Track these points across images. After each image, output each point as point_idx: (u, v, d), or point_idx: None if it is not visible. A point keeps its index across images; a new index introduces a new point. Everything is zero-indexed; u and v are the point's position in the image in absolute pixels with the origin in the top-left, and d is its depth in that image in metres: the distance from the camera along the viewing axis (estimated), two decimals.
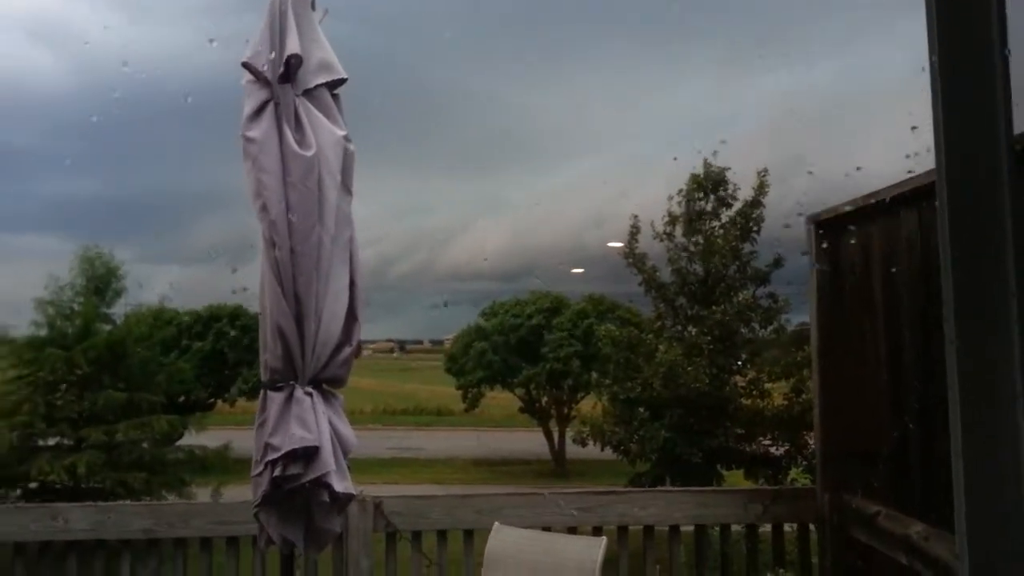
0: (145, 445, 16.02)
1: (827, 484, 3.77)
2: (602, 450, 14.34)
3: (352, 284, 2.59)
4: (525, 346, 21.95)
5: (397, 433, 29.32)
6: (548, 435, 22.89)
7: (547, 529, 3.77)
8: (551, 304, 22.47)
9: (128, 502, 11.55)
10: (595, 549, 3.26)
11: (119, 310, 17.38)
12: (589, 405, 18.58)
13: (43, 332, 15.88)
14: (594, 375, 16.89)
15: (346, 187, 2.58)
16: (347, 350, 2.56)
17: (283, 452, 2.37)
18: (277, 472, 2.37)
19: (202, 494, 14.54)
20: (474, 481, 20.80)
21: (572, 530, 3.82)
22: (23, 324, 16.08)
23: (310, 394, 2.45)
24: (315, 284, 2.44)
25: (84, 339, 15.73)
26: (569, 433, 18.66)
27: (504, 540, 3.45)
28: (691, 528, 3.93)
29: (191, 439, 17.06)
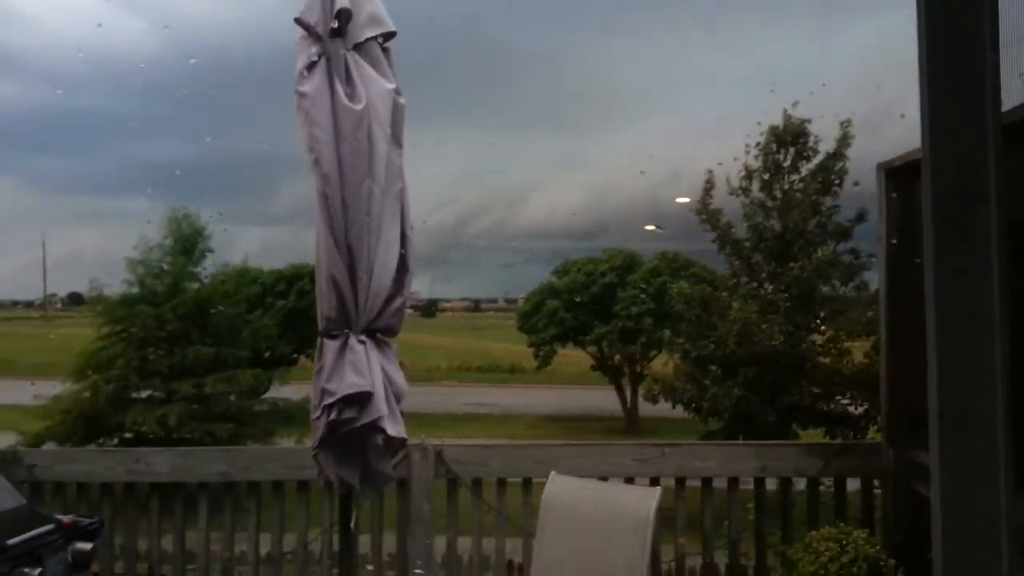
0: (232, 398, 16.76)
1: (893, 439, 3.69)
2: (673, 407, 14.24)
3: (403, 236, 2.64)
4: (598, 303, 21.87)
5: (472, 390, 29.84)
6: (620, 392, 22.88)
7: (604, 479, 3.81)
8: (624, 262, 22.27)
9: (204, 447, 12.16)
10: (649, 499, 3.29)
11: (206, 269, 18.11)
12: (661, 363, 18.47)
13: (134, 290, 16.70)
14: (666, 333, 16.72)
15: (396, 140, 2.61)
16: (399, 300, 2.62)
17: (338, 397, 2.46)
18: (333, 416, 2.47)
19: (286, 444, 15.15)
20: (546, 436, 21.05)
21: (630, 481, 3.85)
22: (116, 283, 16.97)
23: (363, 342, 2.53)
24: (366, 236, 2.50)
25: (173, 297, 16.48)
26: (641, 391, 18.61)
27: (560, 488, 3.51)
28: (751, 482, 3.90)
29: (275, 392, 17.76)
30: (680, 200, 14.69)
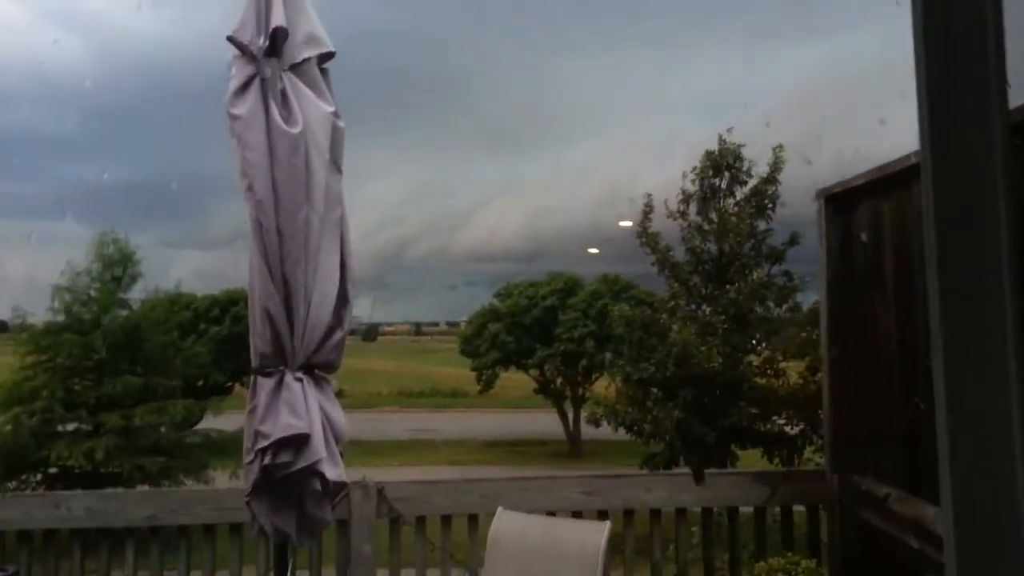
0: (163, 429, 16.14)
1: (837, 465, 3.69)
2: (615, 431, 14.27)
3: (343, 265, 2.52)
4: (539, 327, 21.87)
5: (414, 415, 29.46)
6: (563, 416, 22.87)
7: (551, 514, 3.72)
8: (565, 285, 22.36)
9: (129, 489, 11.64)
10: (598, 533, 3.20)
11: (136, 295, 17.47)
12: (603, 386, 18.53)
13: (60, 318, 16.00)
14: (608, 356, 16.78)
15: (335, 165, 2.50)
16: (339, 334, 2.49)
17: (273, 439, 2.31)
18: (267, 460, 2.33)
19: (220, 477, 14.64)
20: (489, 462, 20.85)
21: (577, 514, 3.77)
22: (42, 311, 16.24)
23: (300, 380, 2.39)
24: (303, 266, 2.37)
25: (100, 325, 15.84)
26: (584, 414, 18.61)
27: (507, 524, 3.40)
28: (698, 511, 3.86)
29: (209, 423, 17.18)
30: (623, 224, 14.82)
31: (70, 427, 15.29)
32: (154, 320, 17.63)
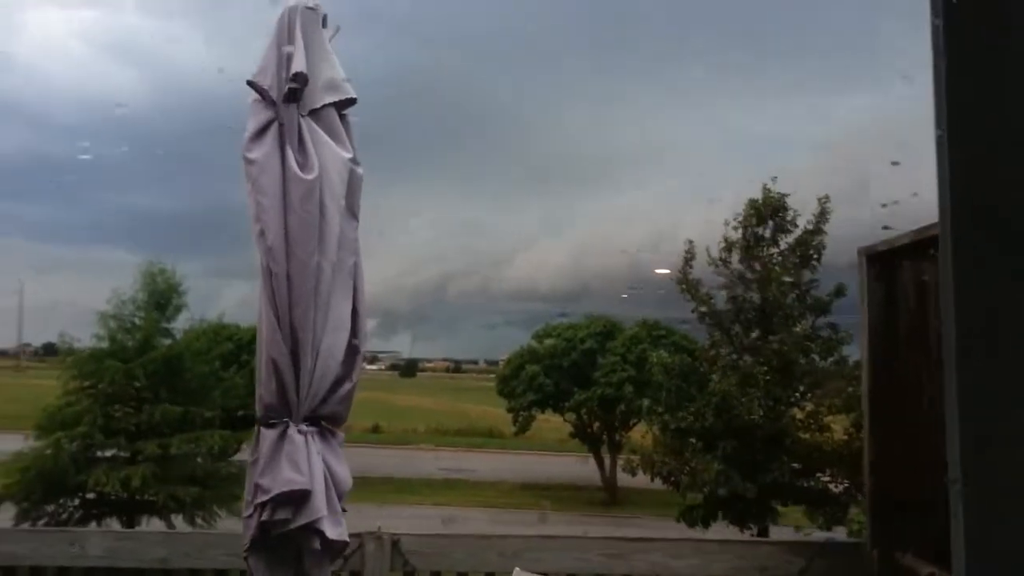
0: (199, 459, 16.25)
1: (877, 539, 3.46)
2: (652, 480, 13.95)
3: (355, 314, 2.44)
4: (577, 370, 21.64)
5: (449, 454, 29.25)
6: (599, 461, 22.48)
7: None
8: (604, 328, 22.14)
9: (144, 530, 11.66)
10: None
11: (180, 324, 17.76)
12: (641, 433, 18.19)
13: (104, 345, 16.30)
14: (646, 402, 16.49)
15: (351, 212, 2.44)
16: (347, 385, 2.40)
17: (272, 495, 2.22)
18: (265, 516, 2.23)
19: None
20: (523, 505, 20.52)
21: None
22: (87, 336, 16.58)
23: (304, 432, 2.30)
24: (312, 314, 2.30)
25: (143, 353, 16.09)
26: (620, 461, 18.27)
27: None
28: None
29: (246, 454, 17.20)
30: (659, 271, 14.66)
31: (108, 453, 15.49)
32: (196, 350, 17.88)
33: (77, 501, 15.45)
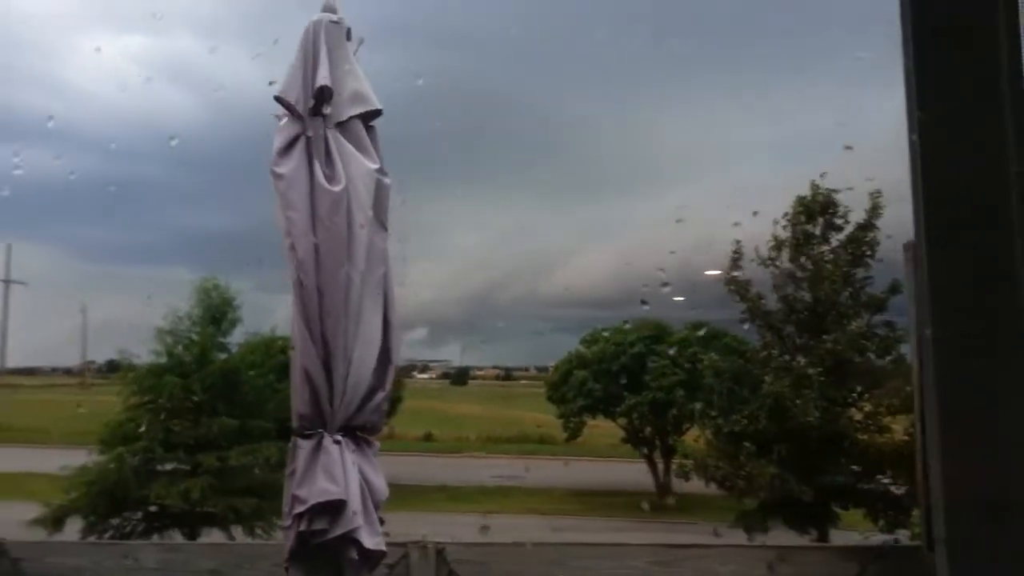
0: (256, 471, 16.53)
1: (934, 542, 3.33)
2: (706, 485, 13.74)
3: (387, 324, 2.45)
4: (627, 374, 21.46)
5: (501, 461, 29.26)
6: (652, 466, 22.24)
7: None
8: (653, 331, 21.92)
9: (194, 542, 11.88)
10: None
11: (236, 339, 18.14)
12: (694, 437, 17.94)
13: (163, 360, 16.74)
14: (698, 406, 16.27)
15: (379, 222, 2.45)
16: (380, 395, 2.41)
17: (309, 505, 2.24)
18: (303, 527, 2.25)
19: None
20: (575, 512, 20.40)
21: None
22: (145, 353, 17.05)
23: (339, 442, 2.31)
24: (343, 325, 2.31)
25: (200, 367, 16.48)
26: (673, 467, 18.05)
27: None
28: None
29: None
30: (709, 273, 14.44)
31: (169, 467, 15.88)
32: (251, 363, 18.24)
33: (140, 514, 15.88)
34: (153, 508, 15.77)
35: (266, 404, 17.65)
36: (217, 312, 17.69)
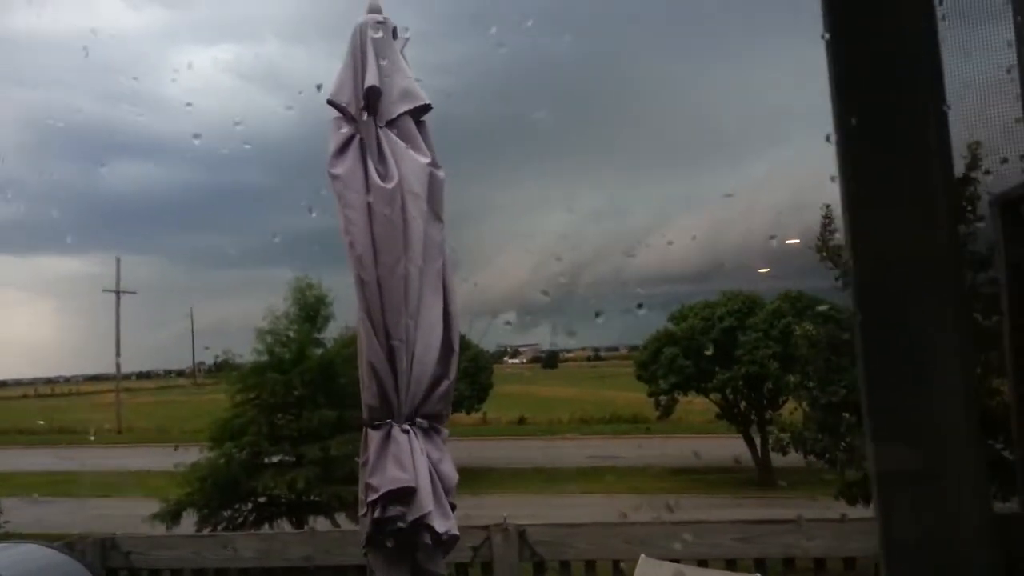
0: (356, 459, 17.02)
1: None
2: (805, 458, 13.36)
3: (447, 314, 2.50)
4: (718, 349, 21.03)
5: (594, 442, 29.26)
6: (749, 442, 21.78)
7: (702, 562, 3.48)
8: (743, 304, 21.39)
9: (287, 531, 12.38)
10: None
11: (330, 334, 18.72)
12: (790, 409, 17.47)
13: (264, 358, 17.45)
14: (793, 378, 15.78)
15: (434, 214, 2.50)
16: (445, 384, 2.47)
17: (381, 493, 2.32)
18: (377, 514, 2.33)
19: None
20: (672, 490, 20.22)
21: (730, 563, 3.50)
22: (249, 352, 17.84)
23: (407, 431, 2.39)
24: (404, 317, 2.38)
25: (299, 363, 17.10)
26: (770, 441, 17.63)
27: (650, 575, 3.21)
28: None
29: None
30: (790, 242, 13.96)
31: (275, 459, 16.58)
32: (346, 357, 18.76)
33: (250, 505, 16.63)
34: (262, 499, 16.48)
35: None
36: (311, 310, 18.27)
